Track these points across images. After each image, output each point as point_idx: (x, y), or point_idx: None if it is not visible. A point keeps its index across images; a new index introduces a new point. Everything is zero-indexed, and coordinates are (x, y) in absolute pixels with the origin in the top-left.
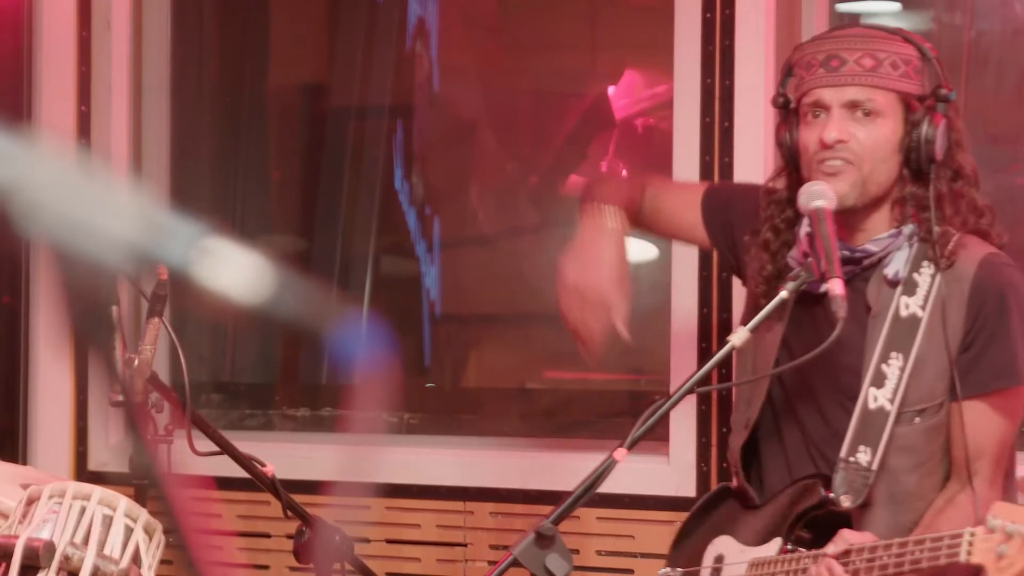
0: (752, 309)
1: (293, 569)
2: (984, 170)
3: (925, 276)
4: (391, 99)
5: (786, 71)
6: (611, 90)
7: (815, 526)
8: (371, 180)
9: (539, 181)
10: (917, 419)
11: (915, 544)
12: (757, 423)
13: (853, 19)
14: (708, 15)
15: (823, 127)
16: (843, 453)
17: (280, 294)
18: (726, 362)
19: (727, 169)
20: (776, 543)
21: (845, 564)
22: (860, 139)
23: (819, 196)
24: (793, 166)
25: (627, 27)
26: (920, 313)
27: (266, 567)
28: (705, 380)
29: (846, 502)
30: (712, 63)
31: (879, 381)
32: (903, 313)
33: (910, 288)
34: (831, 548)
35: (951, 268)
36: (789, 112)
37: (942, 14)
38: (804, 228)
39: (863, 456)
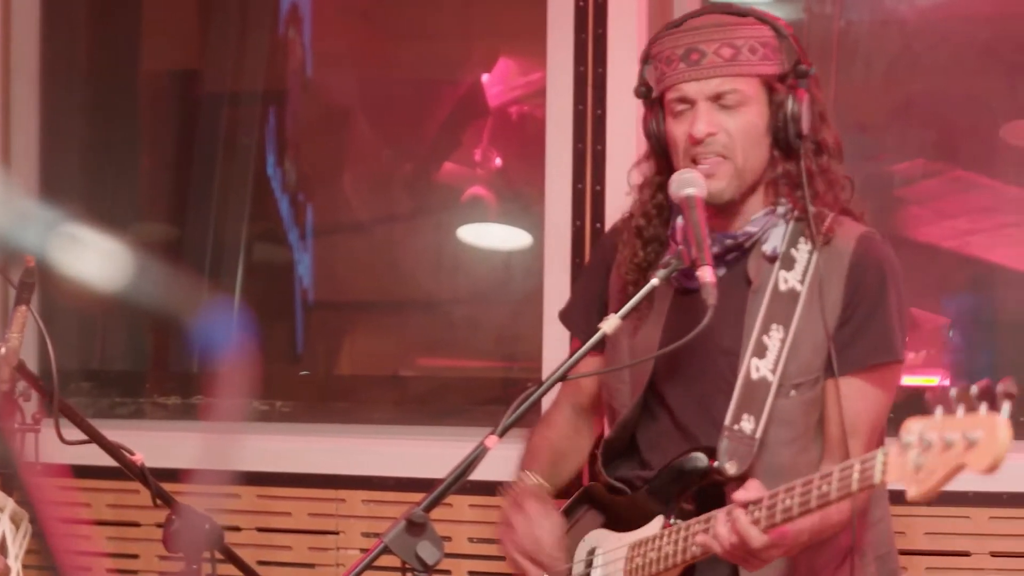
0: (622, 300)
1: (163, 558)
2: (853, 159)
3: (803, 252)
4: (264, 85)
5: (644, 61)
6: (485, 78)
7: (698, 499)
8: (244, 167)
9: (413, 168)
10: (793, 392)
11: (821, 479)
12: (634, 418)
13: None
14: (581, 3)
15: (691, 121)
16: (727, 421)
17: (141, 282)
18: (597, 349)
19: (599, 157)
20: (658, 521)
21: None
22: (729, 129)
23: (689, 184)
24: (661, 154)
25: (501, 14)
26: (799, 287)
27: (135, 556)
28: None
29: (731, 469)
30: (585, 51)
31: (760, 352)
32: (782, 287)
33: (788, 263)
34: (740, 494)
35: (828, 245)
36: (653, 101)
37: (812, 4)
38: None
39: (747, 424)
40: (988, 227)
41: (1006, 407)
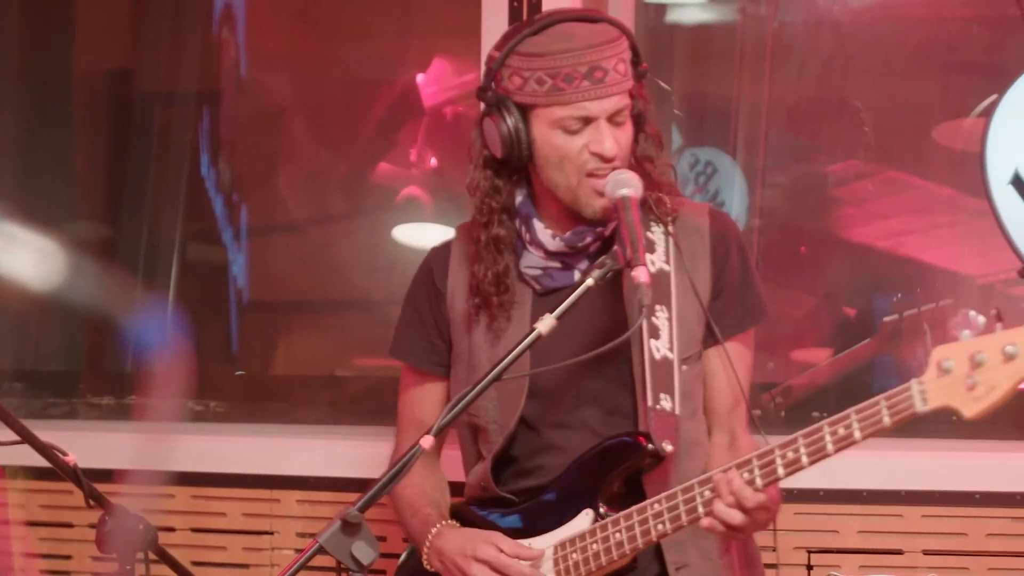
0: (471, 315)
1: (96, 559)
2: (787, 159)
3: (658, 234)
4: (198, 85)
5: (497, 66)
6: (420, 78)
7: (625, 484)
8: (178, 166)
9: (348, 168)
10: (684, 367)
11: (831, 424)
12: (515, 430)
13: (659, 12)
14: (515, 3)
15: (593, 139)
16: (650, 402)
17: (75, 281)
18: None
19: None
20: (586, 514)
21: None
22: (621, 143)
23: (625, 184)
24: (511, 159)
25: (436, 14)
26: (666, 267)
27: (69, 557)
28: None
29: (668, 447)
30: None
31: (655, 333)
32: (651, 269)
33: (649, 246)
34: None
35: (678, 222)
36: (502, 105)
37: (747, 5)
38: (540, 233)
39: (666, 403)
40: (921, 227)
41: None
